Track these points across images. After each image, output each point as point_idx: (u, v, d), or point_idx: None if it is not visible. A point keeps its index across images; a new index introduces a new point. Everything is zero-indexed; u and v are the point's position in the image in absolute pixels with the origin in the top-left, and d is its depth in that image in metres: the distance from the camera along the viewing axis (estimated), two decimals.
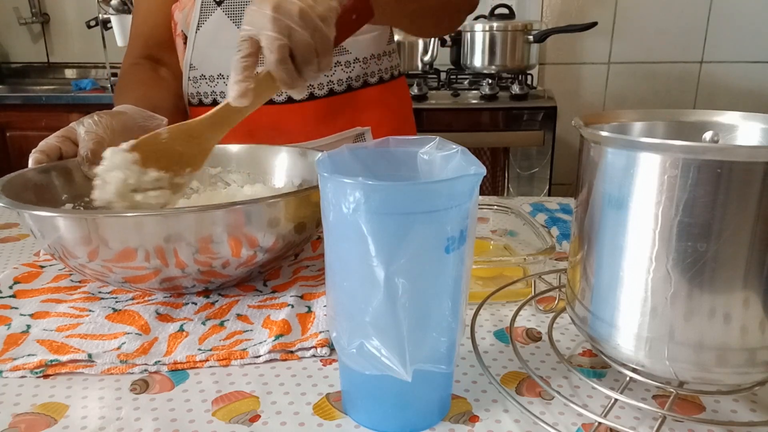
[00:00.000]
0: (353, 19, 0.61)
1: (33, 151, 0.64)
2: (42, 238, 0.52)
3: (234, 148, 0.74)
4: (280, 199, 0.52)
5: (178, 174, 0.58)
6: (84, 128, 0.65)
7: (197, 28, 0.82)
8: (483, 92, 1.88)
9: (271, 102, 0.84)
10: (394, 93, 0.95)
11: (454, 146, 0.39)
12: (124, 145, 0.56)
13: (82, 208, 0.66)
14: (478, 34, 1.92)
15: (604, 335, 0.41)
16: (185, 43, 0.84)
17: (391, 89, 0.93)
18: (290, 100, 0.85)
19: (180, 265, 0.51)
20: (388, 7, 0.70)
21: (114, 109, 0.73)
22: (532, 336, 0.51)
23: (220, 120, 0.57)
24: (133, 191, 0.56)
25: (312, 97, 0.85)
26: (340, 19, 0.58)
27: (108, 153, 0.55)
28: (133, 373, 0.46)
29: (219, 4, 0.80)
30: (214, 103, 0.86)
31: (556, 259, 0.66)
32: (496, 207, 0.75)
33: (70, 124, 0.67)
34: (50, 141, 0.65)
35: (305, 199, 0.54)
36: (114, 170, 0.55)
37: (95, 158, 0.64)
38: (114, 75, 2.31)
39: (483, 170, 0.35)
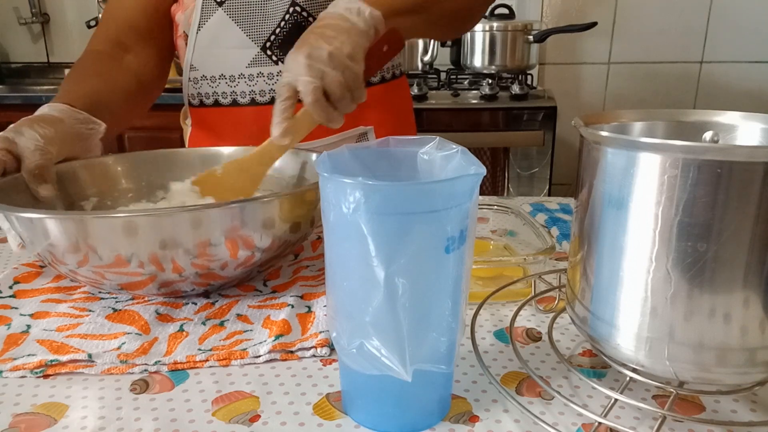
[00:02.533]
0: (384, 51, 0.66)
1: None
2: (31, 245, 0.51)
3: (227, 150, 0.74)
4: (275, 198, 0.52)
5: None
6: (29, 141, 0.61)
7: (198, 29, 0.81)
8: (483, 92, 1.88)
9: (272, 102, 0.84)
10: (396, 92, 0.95)
11: (454, 146, 0.39)
12: (187, 181, 0.66)
13: None
14: (478, 34, 1.92)
15: (604, 335, 0.41)
16: (187, 44, 0.84)
17: (392, 88, 0.93)
18: None
19: (177, 270, 0.51)
20: (416, 28, 0.74)
21: (48, 111, 0.68)
22: (532, 336, 0.51)
23: (266, 156, 0.65)
24: None
25: None
26: (371, 53, 0.63)
27: (174, 186, 0.67)
28: (133, 373, 0.46)
29: (220, 4, 0.80)
30: (216, 103, 0.86)
31: (556, 259, 0.66)
32: (496, 207, 0.75)
33: (3, 134, 0.62)
34: None
35: (299, 198, 0.55)
36: (179, 197, 0.65)
37: (46, 176, 0.62)
38: None
39: (483, 170, 0.35)
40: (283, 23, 0.80)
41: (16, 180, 0.60)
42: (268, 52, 0.82)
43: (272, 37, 0.81)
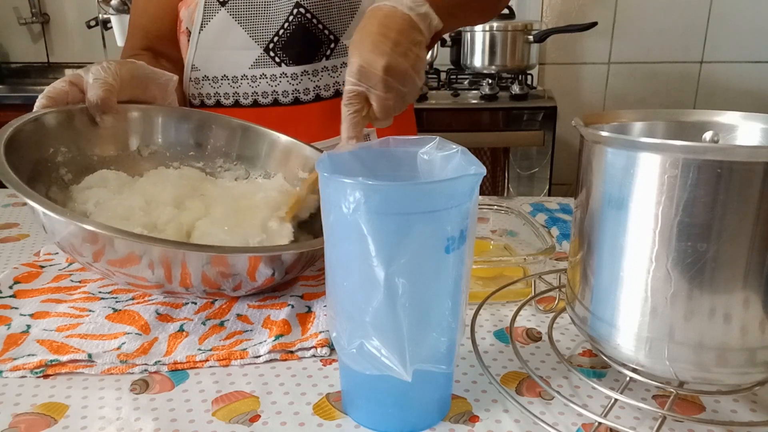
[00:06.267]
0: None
1: (40, 96, 0.63)
2: (53, 235, 0.52)
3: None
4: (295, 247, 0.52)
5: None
6: (92, 76, 0.65)
7: (201, 29, 0.81)
8: (483, 92, 1.88)
9: (277, 104, 0.84)
10: None
11: (454, 146, 0.39)
12: (280, 212, 0.62)
13: (77, 157, 0.65)
14: (478, 34, 1.92)
15: (604, 335, 0.41)
16: (189, 40, 0.84)
17: None
18: (296, 101, 0.85)
19: (185, 285, 0.51)
20: (455, 21, 0.74)
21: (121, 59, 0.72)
22: (532, 336, 0.51)
23: None
24: None
25: (318, 98, 0.85)
26: None
27: (271, 224, 0.61)
28: (133, 373, 0.46)
29: (223, 4, 0.80)
30: (217, 104, 0.85)
31: (556, 259, 0.66)
32: (496, 207, 0.75)
33: (77, 71, 0.66)
34: (57, 86, 0.64)
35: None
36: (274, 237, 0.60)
37: (105, 106, 0.65)
38: None
39: (483, 170, 0.36)
40: (287, 24, 0.80)
41: (81, 108, 0.65)
42: (271, 54, 0.81)
43: (275, 39, 0.80)
